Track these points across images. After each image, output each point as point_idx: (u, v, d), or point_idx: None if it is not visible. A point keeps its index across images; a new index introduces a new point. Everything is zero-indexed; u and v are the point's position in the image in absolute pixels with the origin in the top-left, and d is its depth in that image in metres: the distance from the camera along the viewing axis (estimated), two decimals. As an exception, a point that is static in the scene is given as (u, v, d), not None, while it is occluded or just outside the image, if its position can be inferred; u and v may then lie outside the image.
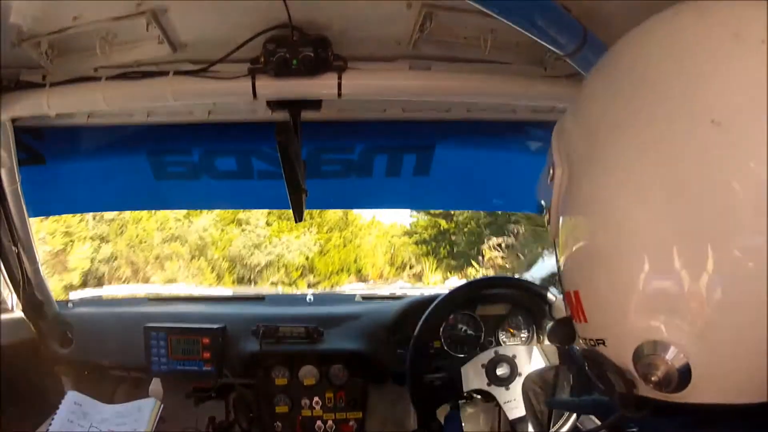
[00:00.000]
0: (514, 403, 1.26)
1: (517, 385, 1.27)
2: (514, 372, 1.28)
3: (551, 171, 0.60)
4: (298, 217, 1.35)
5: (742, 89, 0.44)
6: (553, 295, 1.36)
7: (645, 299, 0.49)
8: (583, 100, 0.58)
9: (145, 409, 1.28)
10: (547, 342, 1.45)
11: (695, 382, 0.48)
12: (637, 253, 0.49)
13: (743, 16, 0.46)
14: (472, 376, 1.30)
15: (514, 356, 1.29)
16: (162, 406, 1.29)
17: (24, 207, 1.37)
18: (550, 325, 0.73)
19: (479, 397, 1.33)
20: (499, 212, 9.51)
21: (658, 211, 0.47)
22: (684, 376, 0.48)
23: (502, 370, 1.28)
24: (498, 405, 1.29)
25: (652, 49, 0.52)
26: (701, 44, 0.47)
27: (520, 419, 1.25)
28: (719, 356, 0.47)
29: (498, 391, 1.28)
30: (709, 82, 0.46)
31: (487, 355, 1.30)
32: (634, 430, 0.58)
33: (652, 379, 0.49)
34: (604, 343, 0.54)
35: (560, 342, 0.68)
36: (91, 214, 8.49)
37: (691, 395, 0.48)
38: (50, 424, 1.21)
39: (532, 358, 1.29)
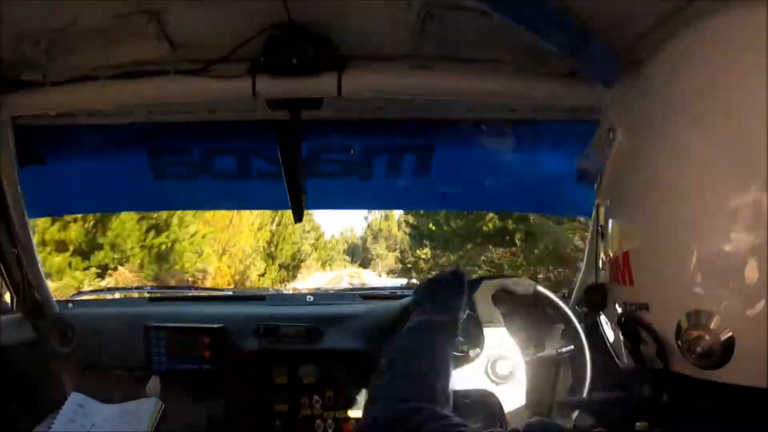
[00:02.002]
0: (515, 400, 1.26)
1: (519, 382, 1.27)
2: (513, 374, 1.28)
3: (610, 134, 0.61)
4: (298, 218, 1.35)
5: None
6: (549, 291, 1.36)
7: (698, 266, 0.49)
8: (658, 75, 0.60)
9: (146, 409, 1.28)
10: (546, 351, 1.45)
11: (736, 358, 0.47)
12: (697, 221, 0.49)
13: None
14: (472, 376, 1.30)
15: (519, 360, 1.29)
16: (163, 405, 1.29)
17: (24, 207, 1.36)
18: (581, 290, 0.73)
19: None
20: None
21: (723, 181, 0.48)
22: (727, 350, 0.47)
23: (502, 368, 1.28)
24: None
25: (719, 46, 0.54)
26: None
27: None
28: (762, 332, 0.46)
29: (489, 387, 1.28)
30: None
31: (487, 354, 1.30)
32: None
33: (696, 349, 0.48)
34: (647, 308, 0.53)
35: (590, 308, 0.68)
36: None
37: (729, 374, 0.48)
38: (52, 423, 1.21)
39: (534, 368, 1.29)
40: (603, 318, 0.68)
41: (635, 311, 0.55)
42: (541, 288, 1.39)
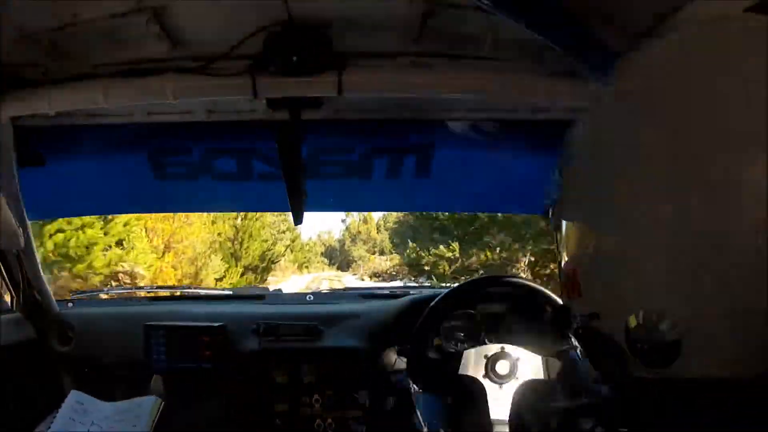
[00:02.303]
0: (501, 403, 1.26)
1: (512, 387, 1.27)
2: (512, 373, 1.28)
3: (566, 158, 0.63)
4: (298, 220, 1.35)
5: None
6: (548, 291, 1.36)
7: (641, 270, 0.51)
8: (612, 97, 0.63)
9: (146, 407, 1.28)
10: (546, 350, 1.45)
11: (686, 353, 0.48)
12: (637, 225, 0.51)
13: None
14: (472, 363, 1.30)
15: (518, 359, 1.29)
16: (163, 403, 1.29)
17: (23, 207, 1.37)
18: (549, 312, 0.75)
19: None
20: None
21: (660, 189, 0.50)
22: (674, 346, 0.49)
23: (502, 367, 1.28)
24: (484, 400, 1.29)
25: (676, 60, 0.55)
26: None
27: (501, 422, 1.25)
28: (710, 327, 0.48)
29: (491, 387, 1.28)
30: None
31: (492, 348, 1.31)
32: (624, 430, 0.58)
33: (644, 348, 0.50)
34: (598, 317, 0.56)
35: (556, 327, 0.70)
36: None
37: (681, 369, 0.49)
38: (52, 422, 1.21)
39: (533, 366, 1.29)
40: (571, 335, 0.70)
41: (588, 322, 0.57)
42: (540, 287, 1.39)
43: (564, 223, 0.63)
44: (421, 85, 1.11)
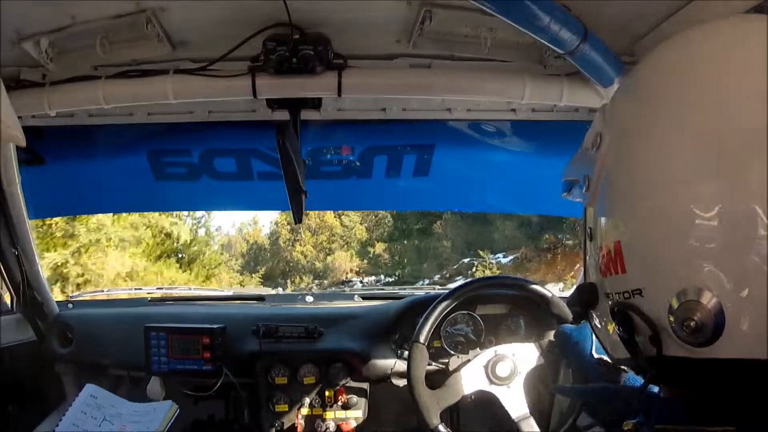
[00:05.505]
0: (516, 402, 1.26)
1: (519, 383, 1.27)
2: (515, 370, 1.28)
3: (598, 139, 0.65)
4: (298, 218, 1.35)
5: None
6: (549, 291, 1.36)
7: (687, 247, 0.51)
8: (642, 79, 0.62)
9: (161, 411, 1.28)
10: (545, 339, 1.45)
11: (727, 332, 0.50)
12: (684, 204, 0.52)
13: None
14: (473, 378, 1.30)
15: (514, 354, 1.29)
16: (178, 410, 1.28)
17: (23, 208, 1.37)
18: (572, 290, 0.76)
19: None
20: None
21: (707, 168, 0.51)
22: (719, 323, 0.50)
23: (502, 370, 1.28)
24: (500, 405, 1.28)
25: (705, 54, 0.56)
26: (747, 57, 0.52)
27: (524, 417, 1.25)
28: (755, 307, 0.49)
29: (500, 391, 1.28)
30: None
31: (486, 356, 1.30)
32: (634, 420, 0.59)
33: (689, 324, 0.51)
34: (641, 293, 0.56)
35: (581, 306, 0.70)
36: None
37: (721, 349, 0.50)
38: (63, 415, 1.21)
39: (531, 355, 1.29)
40: (594, 314, 0.71)
41: (628, 298, 0.58)
42: (540, 287, 1.39)
43: (598, 211, 0.64)
44: (420, 86, 1.11)
